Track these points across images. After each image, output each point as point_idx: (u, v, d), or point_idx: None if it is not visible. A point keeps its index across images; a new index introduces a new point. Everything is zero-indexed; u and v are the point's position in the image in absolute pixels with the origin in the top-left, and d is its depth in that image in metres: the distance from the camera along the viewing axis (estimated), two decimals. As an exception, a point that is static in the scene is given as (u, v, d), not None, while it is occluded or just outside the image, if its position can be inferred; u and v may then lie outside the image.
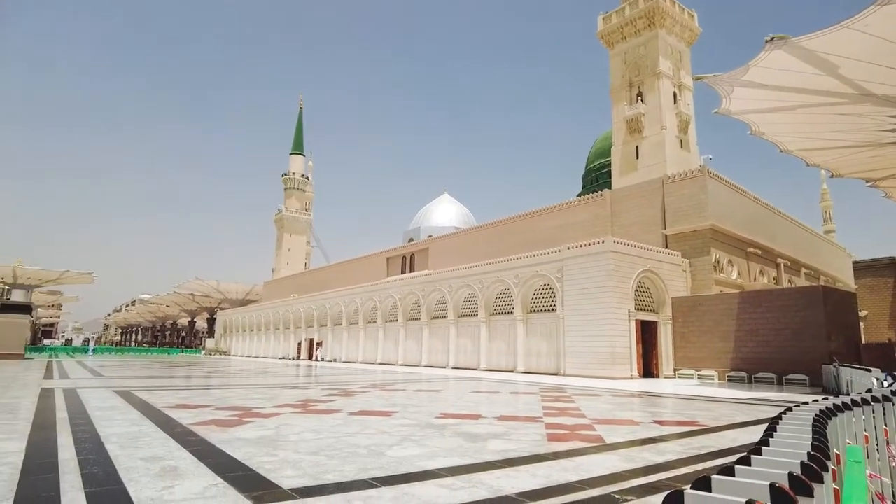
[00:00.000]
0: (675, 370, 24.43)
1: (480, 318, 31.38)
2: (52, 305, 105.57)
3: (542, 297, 28.39)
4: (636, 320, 24.90)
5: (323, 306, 48.46)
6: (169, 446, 6.10)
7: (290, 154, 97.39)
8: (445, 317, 34.45)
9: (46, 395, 11.75)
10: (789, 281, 34.93)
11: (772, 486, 1.68)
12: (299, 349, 51.13)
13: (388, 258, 51.44)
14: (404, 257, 49.66)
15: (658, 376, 25.27)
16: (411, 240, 56.94)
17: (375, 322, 41.24)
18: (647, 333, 25.75)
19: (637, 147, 39.21)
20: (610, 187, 38.13)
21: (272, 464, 5.28)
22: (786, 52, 11.71)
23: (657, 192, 31.10)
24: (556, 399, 13.44)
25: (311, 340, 49.22)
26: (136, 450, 5.84)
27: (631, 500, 4.27)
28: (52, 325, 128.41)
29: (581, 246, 26.05)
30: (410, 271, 47.20)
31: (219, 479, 4.61)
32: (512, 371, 28.25)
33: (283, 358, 51.96)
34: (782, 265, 34.50)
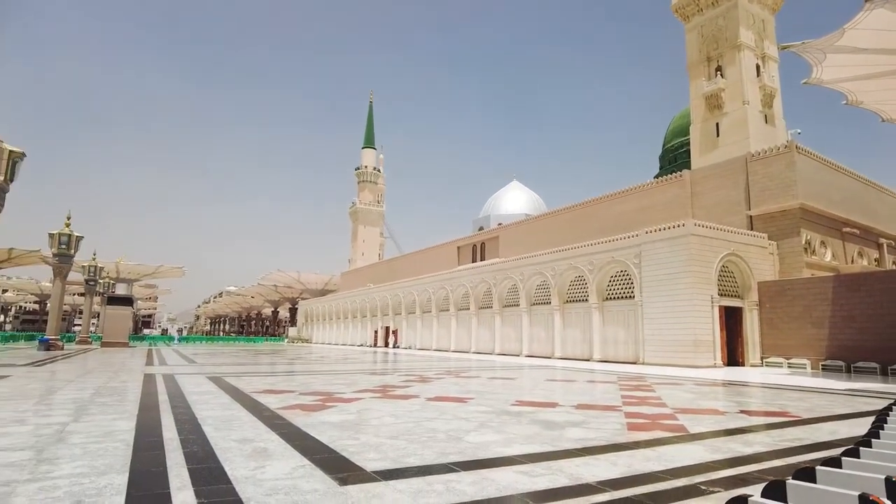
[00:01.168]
0: (762, 358, 23.19)
1: (554, 305, 30.99)
2: (150, 298, 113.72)
3: (618, 283, 27.65)
4: (719, 306, 23.77)
5: (397, 295, 49.45)
6: (258, 429, 6.45)
7: (362, 148, 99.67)
8: (517, 305, 34.27)
9: (149, 380, 12.70)
10: (894, 262, 32.14)
11: (888, 479, 1.56)
12: (375, 337, 52.51)
13: (458, 247, 51.70)
14: (474, 246, 49.75)
15: (744, 365, 24.07)
16: (481, 228, 56.93)
17: (448, 310, 41.64)
18: (731, 320, 24.55)
19: (717, 124, 37.22)
20: (689, 167, 36.44)
21: (355, 447, 5.47)
22: (889, 9, 10.71)
23: (740, 170, 29.42)
24: (636, 388, 13.10)
25: (387, 328, 50.40)
26: (229, 431, 6.22)
27: (718, 491, 4.11)
28: (150, 315, 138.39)
29: (660, 230, 25.11)
30: (481, 260, 47.26)
31: (306, 461, 4.84)
32: (587, 360, 27.77)
33: (361, 345, 53.55)
34: (885, 245, 31.76)
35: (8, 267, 67.38)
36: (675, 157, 51.02)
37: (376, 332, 52.79)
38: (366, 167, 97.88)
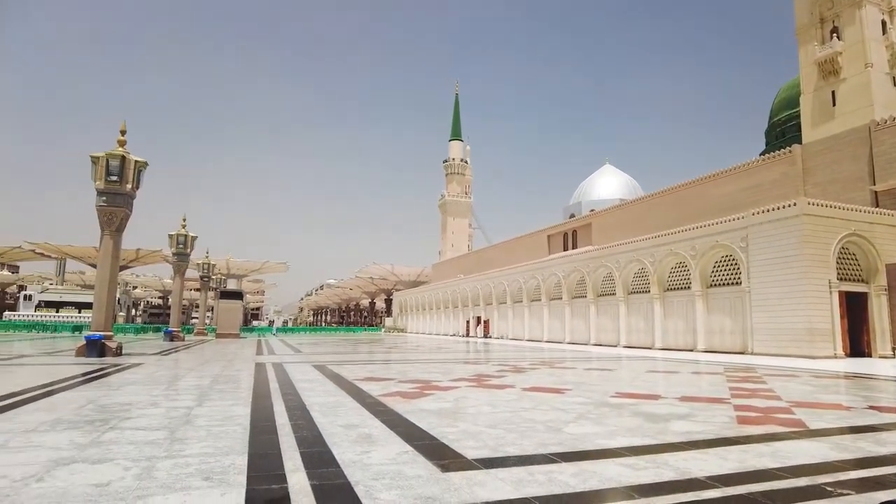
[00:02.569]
0: (894, 349, 21.03)
1: (653, 294, 29.79)
2: (257, 292, 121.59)
3: (723, 269, 26.10)
4: (839, 292, 21.81)
5: (487, 285, 49.59)
6: (362, 415, 6.73)
7: (449, 141, 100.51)
8: (613, 294, 33.28)
9: (260, 369, 13.60)
10: None
11: None
12: (468, 326, 53.01)
13: (548, 235, 50.92)
14: (566, 234, 48.77)
15: (871, 356, 21.95)
16: (572, 215, 55.69)
17: (539, 300, 41.21)
18: (854, 306, 22.45)
19: (833, 92, 33.95)
20: (800, 142, 33.57)
21: (454, 434, 5.57)
22: None
23: (862, 142, 26.73)
24: (744, 379, 12.34)
25: (479, 318, 50.72)
26: (335, 417, 6.54)
27: (848, 493, 3.79)
28: (258, 308, 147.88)
29: (768, 210, 23.38)
30: (573, 248, 46.28)
31: (408, 447, 4.99)
32: (691, 350, 26.49)
33: (453, 335, 54.29)
34: None
35: (136, 266, 74.58)
36: (783, 132, 47.19)
37: (468, 322, 53.28)
38: (453, 159, 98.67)
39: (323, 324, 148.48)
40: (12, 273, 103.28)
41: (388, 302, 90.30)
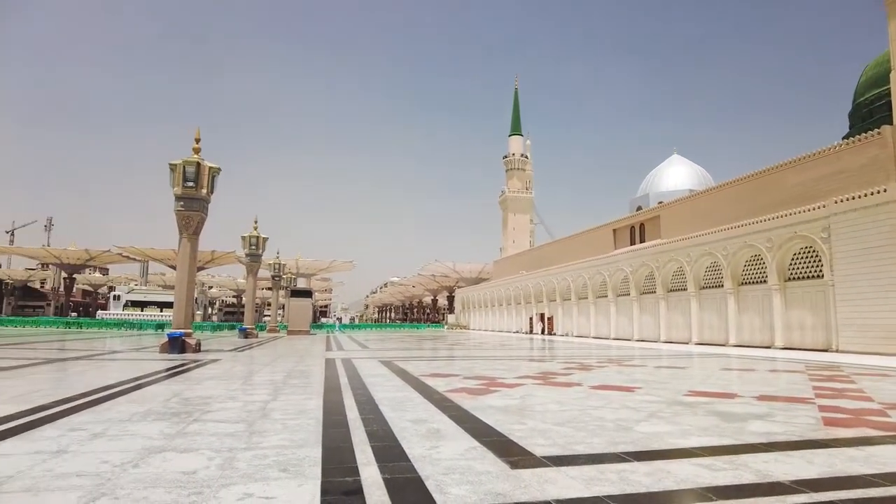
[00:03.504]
0: None
1: (726, 288, 28.54)
2: (325, 290, 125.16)
3: (803, 261, 24.68)
4: (939, 285, 20.12)
5: (551, 282, 48.98)
6: (430, 410, 6.81)
7: (509, 136, 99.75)
8: (684, 289, 32.12)
9: (330, 364, 14.01)
10: None
11: None
12: (531, 323, 52.56)
13: (614, 229, 49.61)
14: (632, 227, 47.37)
15: (976, 354, 20.15)
16: (639, 208, 54.06)
17: (606, 296, 40.32)
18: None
19: (928, 68, 31.22)
20: (890, 122, 31.14)
21: (522, 432, 5.55)
22: None
23: (963, 121, 24.50)
24: (830, 378, 11.62)
25: (542, 315, 50.18)
26: (404, 412, 6.65)
27: (953, 501, 3.51)
28: (326, 306, 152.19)
29: (854, 198, 21.88)
30: (640, 242, 44.90)
31: (476, 443, 5.01)
32: (768, 347, 25.20)
33: (516, 332, 53.97)
34: None
35: (211, 266, 78.49)
36: (870, 112, 43.84)
37: (531, 318, 52.81)
38: (513, 155, 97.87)
39: (387, 321, 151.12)
40: (103, 275, 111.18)
41: (451, 299, 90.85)
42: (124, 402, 7.18)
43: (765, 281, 26.33)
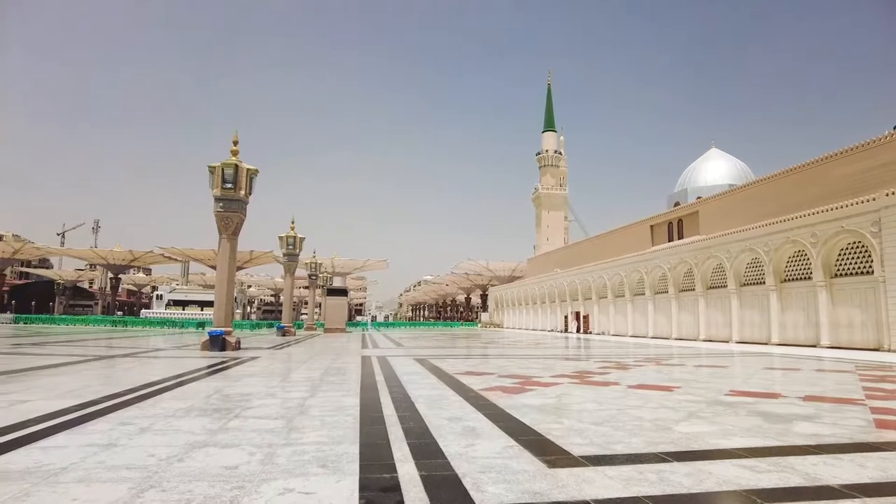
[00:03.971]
0: None
1: (768, 285, 27.73)
2: (360, 288, 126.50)
3: (850, 257, 23.79)
4: None
5: (586, 279, 48.42)
6: (465, 409, 6.82)
7: (542, 132, 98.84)
8: (724, 286, 31.34)
9: (365, 362, 14.16)
10: None
11: None
12: (566, 322, 52.07)
13: (651, 226, 48.73)
14: (670, 223, 46.43)
15: None
16: (677, 204, 52.94)
17: (643, 294, 39.64)
18: None
19: None
20: (945, 113, 29.70)
21: (559, 431, 5.51)
22: None
23: None
24: (881, 379, 11.17)
25: (577, 313, 49.65)
26: (439, 410, 6.67)
27: None
28: (360, 304, 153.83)
29: (905, 191, 20.97)
30: (678, 238, 43.99)
31: (513, 442, 5.00)
32: (813, 346, 24.38)
33: (551, 330, 53.54)
34: None
35: (250, 266, 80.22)
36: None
37: (566, 317, 52.32)
38: (546, 151, 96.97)
39: (421, 319, 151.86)
40: (146, 275, 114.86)
41: (484, 297, 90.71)
42: (168, 399, 7.40)
43: (809, 277, 25.47)
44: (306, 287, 60.75)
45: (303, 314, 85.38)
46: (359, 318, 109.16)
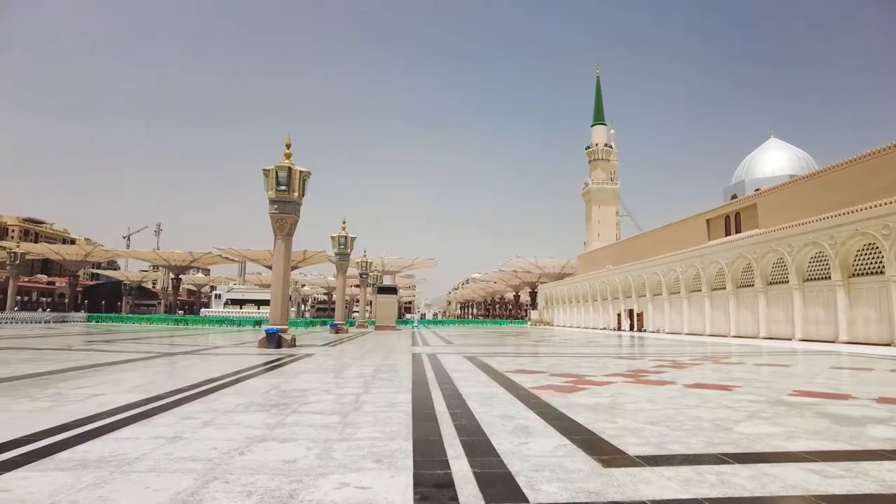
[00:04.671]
0: None
1: (835, 280, 26.37)
2: (409, 287, 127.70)
3: (926, 250, 22.32)
4: None
5: (639, 276, 47.31)
6: (517, 407, 6.79)
7: (592, 126, 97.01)
8: (786, 282, 30.00)
9: (416, 359, 14.29)
10: None
11: None
12: (619, 320, 51.03)
13: (707, 220, 47.11)
14: (727, 217, 44.77)
15: None
16: (734, 196, 51.00)
17: (699, 290, 38.41)
18: None
19: None
20: None
21: (613, 430, 5.41)
22: None
23: None
24: (964, 379, 10.45)
25: (631, 311, 48.59)
26: (491, 408, 6.67)
27: None
28: (410, 302, 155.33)
29: None
30: (735, 232, 42.38)
31: (566, 440, 4.94)
32: (887, 344, 23.05)
33: (603, 328, 52.58)
34: None
35: (303, 266, 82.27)
36: None
37: (619, 315, 51.27)
38: (596, 145, 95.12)
39: (469, 317, 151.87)
40: (205, 275, 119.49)
41: (533, 295, 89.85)
42: (228, 394, 7.68)
43: (881, 272, 24.05)
44: (357, 285, 61.79)
45: (354, 312, 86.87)
46: (408, 315, 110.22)
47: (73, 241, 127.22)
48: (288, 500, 3.27)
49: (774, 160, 55.52)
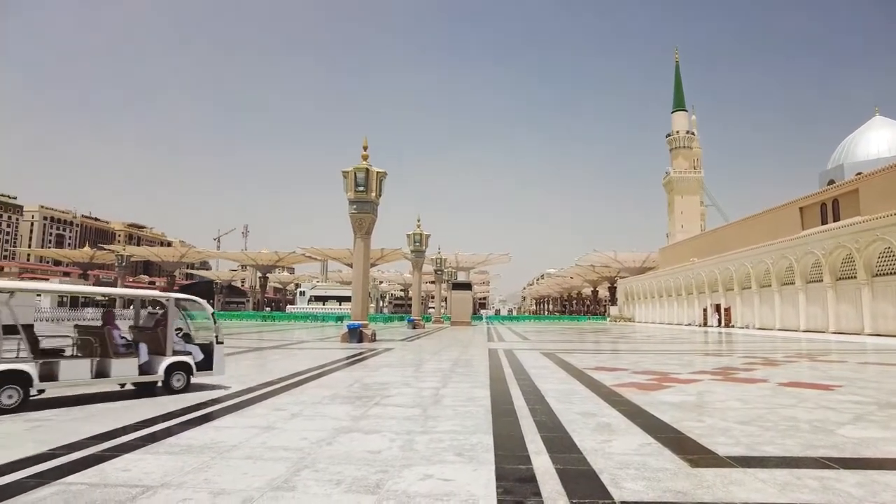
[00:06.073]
0: None
1: (953, 271, 23.90)
2: (483, 283, 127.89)
3: None
4: None
5: (727, 269, 44.94)
6: (598, 404, 6.67)
7: (672, 112, 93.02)
8: (893, 273, 27.53)
9: (492, 355, 14.31)
10: None
11: None
12: (704, 315, 48.73)
13: (801, 208, 43.94)
14: (823, 204, 41.57)
15: None
16: (831, 182, 47.32)
17: (793, 283, 35.99)
18: None
19: None
20: None
21: (701, 429, 5.21)
22: None
23: None
24: None
25: (718, 306, 46.25)
26: (570, 405, 6.59)
27: None
28: (484, 298, 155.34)
29: None
30: (834, 220, 39.29)
31: (651, 439, 4.81)
32: None
33: (688, 324, 50.40)
34: None
35: (381, 263, 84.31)
36: None
37: (704, 310, 48.93)
38: (677, 132, 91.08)
39: (545, 313, 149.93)
40: (290, 274, 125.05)
41: (612, 290, 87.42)
42: (314, 387, 8.03)
43: None
44: (432, 282, 62.58)
45: (430, 308, 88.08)
46: (482, 311, 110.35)
47: (169, 244, 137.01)
48: (375, 490, 3.39)
49: (880, 140, 50.96)
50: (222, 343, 7.96)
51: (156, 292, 8.67)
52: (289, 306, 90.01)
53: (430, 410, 6.16)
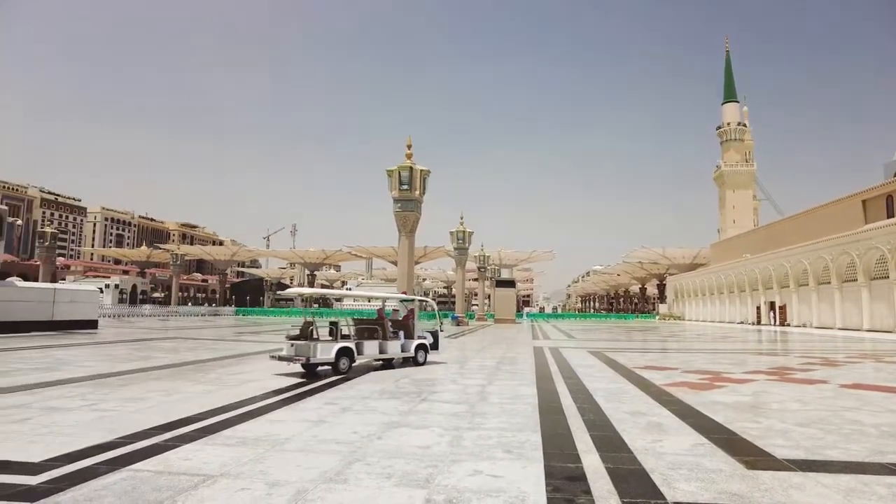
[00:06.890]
0: None
1: None
2: (527, 280, 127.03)
3: None
4: None
5: (782, 265, 43.24)
6: (648, 403, 6.55)
7: (722, 104, 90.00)
8: (968, 268, 25.89)
9: (538, 353, 14.21)
10: None
11: None
12: (758, 313, 47.03)
13: (863, 200, 41.79)
14: (889, 197, 39.43)
15: None
16: (898, 174, 44.76)
17: (855, 280, 34.32)
18: None
19: None
20: None
21: (757, 430, 5.05)
22: None
23: None
24: None
25: (772, 304, 44.57)
26: (619, 404, 6.49)
27: None
28: (528, 295, 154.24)
29: None
30: (901, 214, 37.24)
31: (703, 439, 4.70)
32: None
33: (741, 322, 48.74)
34: None
35: (425, 261, 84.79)
36: None
37: (758, 307, 47.22)
38: (728, 124, 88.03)
39: (591, 310, 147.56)
40: (336, 271, 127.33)
41: (661, 287, 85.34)
42: (363, 382, 8.17)
43: None
44: (475, 279, 62.56)
45: (473, 305, 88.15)
46: (526, 309, 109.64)
47: (220, 243, 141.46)
48: (425, 484, 3.44)
49: (951, 129, 47.91)
50: (443, 331, 11.45)
51: (413, 296, 13.37)
52: (336, 303, 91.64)
53: (476, 407, 6.19)
